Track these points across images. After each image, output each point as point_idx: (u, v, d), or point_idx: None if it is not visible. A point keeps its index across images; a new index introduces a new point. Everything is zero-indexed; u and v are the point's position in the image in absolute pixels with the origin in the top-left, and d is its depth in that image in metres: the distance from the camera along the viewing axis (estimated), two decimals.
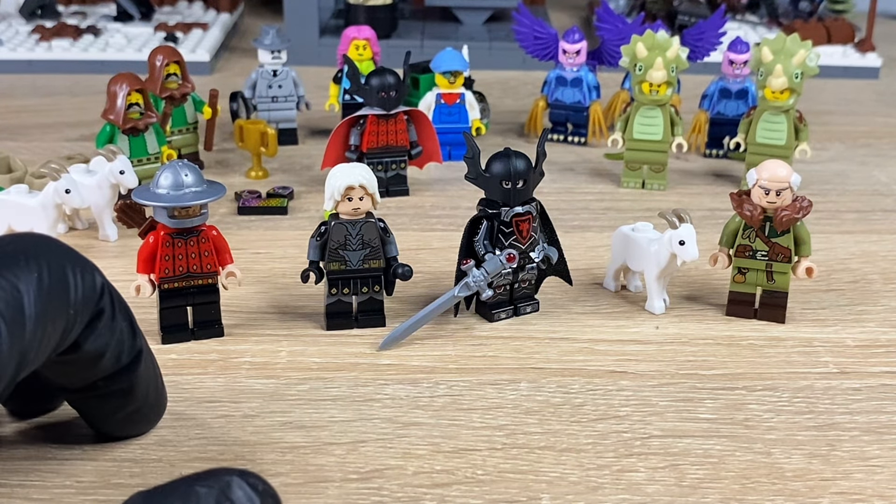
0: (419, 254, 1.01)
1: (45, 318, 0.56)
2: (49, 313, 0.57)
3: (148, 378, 0.67)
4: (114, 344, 0.63)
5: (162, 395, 0.70)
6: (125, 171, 1.00)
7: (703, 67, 1.46)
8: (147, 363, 0.66)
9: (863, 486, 0.66)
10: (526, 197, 0.86)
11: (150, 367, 0.67)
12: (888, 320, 0.89)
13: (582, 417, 0.74)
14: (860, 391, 0.78)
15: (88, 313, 0.60)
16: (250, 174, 1.22)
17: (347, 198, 0.82)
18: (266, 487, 0.51)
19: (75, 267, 0.59)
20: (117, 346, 0.63)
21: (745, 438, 0.71)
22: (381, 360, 0.81)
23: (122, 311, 0.63)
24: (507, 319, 0.88)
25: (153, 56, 1.19)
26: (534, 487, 0.66)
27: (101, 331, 0.61)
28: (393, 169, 1.17)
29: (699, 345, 0.85)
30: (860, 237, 1.08)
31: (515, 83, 1.66)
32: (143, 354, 0.65)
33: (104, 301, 0.61)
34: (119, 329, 0.63)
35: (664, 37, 1.16)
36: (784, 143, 1.15)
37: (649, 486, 0.66)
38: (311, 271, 0.84)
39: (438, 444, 0.70)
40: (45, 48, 1.71)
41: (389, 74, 1.14)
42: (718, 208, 1.14)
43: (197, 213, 0.80)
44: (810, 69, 1.11)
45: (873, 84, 1.75)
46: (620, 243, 0.92)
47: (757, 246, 0.86)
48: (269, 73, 1.31)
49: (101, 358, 0.62)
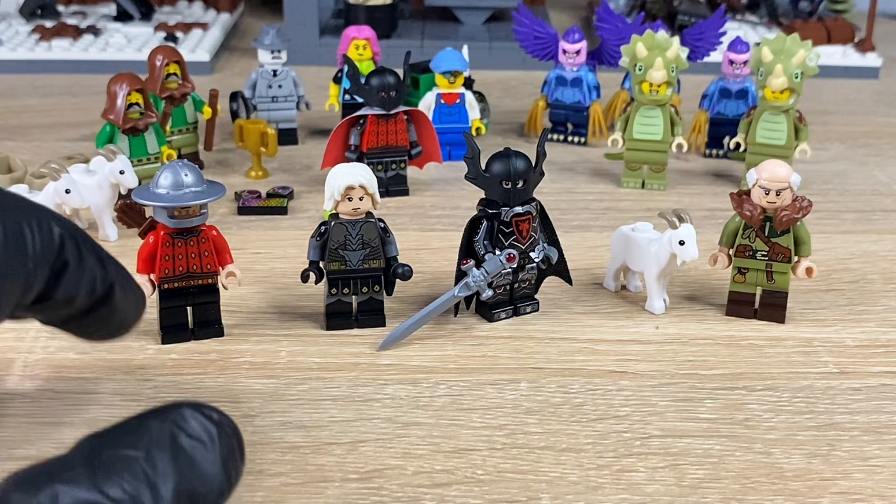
0: (419, 254, 1.01)
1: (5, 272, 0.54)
2: (4, 269, 0.54)
3: (125, 298, 0.65)
4: (85, 284, 0.61)
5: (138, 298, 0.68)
6: (125, 171, 1.00)
7: (703, 67, 1.46)
8: (121, 286, 0.64)
9: (863, 486, 0.66)
10: (526, 197, 0.86)
11: (124, 285, 0.65)
12: (888, 320, 0.89)
13: (582, 417, 0.74)
14: (860, 391, 0.78)
15: (49, 265, 0.58)
16: (250, 174, 1.22)
17: (347, 198, 0.82)
18: (222, 417, 0.51)
19: (31, 220, 0.57)
20: (89, 284, 0.61)
21: (745, 438, 0.71)
22: (381, 360, 0.81)
23: (89, 250, 0.61)
24: (507, 319, 0.88)
25: (153, 56, 1.19)
26: (534, 487, 0.66)
27: (69, 278, 0.59)
28: (393, 169, 1.17)
29: (699, 345, 0.85)
30: (860, 237, 1.08)
31: (515, 83, 1.66)
32: (114, 284, 0.63)
33: (67, 251, 0.59)
34: (88, 270, 0.61)
35: (664, 37, 1.16)
36: (784, 143, 1.15)
37: (649, 486, 0.66)
38: (311, 271, 0.84)
39: (438, 443, 0.70)
40: (45, 48, 1.71)
41: (389, 74, 1.14)
42: (718, 208, 1.14)
43: (197, 213, 0.80)
44: (810, 69, 1.11)
45: (873, 84, 1.75)
46: (620, 243, 0.92)
47: (757, 246, 0.86)
48: (269, 73, 1.31)
49: (73, 300, 0.61)
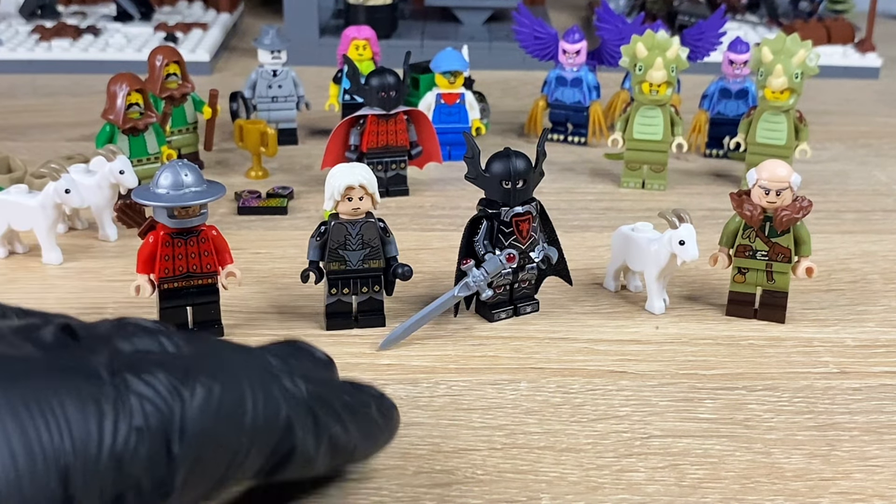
0: (419, 254, 1.01)
1: (206, 439, 0.49)
2: (212, 435, 0.49)
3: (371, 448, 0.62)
4: (321, 457, 0.56)
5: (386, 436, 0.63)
6: (125, 171, 1.00)
7: (703, 67, 1.46)
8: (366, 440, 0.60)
9: (863, 486, 0.66)
10: (526, 197, 0.86)
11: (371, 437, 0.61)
12: (888, 320, 0.89)
13: (582, 417, 0.74)
14: (860, 391, 0.78)
15: (268, 447, 0.53)
16: (250, 174, 1.22)
17: (347, 198, 0.82)
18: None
19: (256, 390, 0.52)
20: (328, 454, 0.57)
21: (745, 438, 0.71)
22: (381, 360, 0.81)
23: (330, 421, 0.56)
24: (507, 319, 0.88)
25: (153, 56, 1.19)
26: (533, 487, 0.66)
27: (297, 463, 0.55)
28: (393, 169, 1.16)
29: (699, 345, 0.85)
30: (860, 237, 1.08)
31: (515, 83, 1.66)
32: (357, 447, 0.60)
33: (295, 436, 0.54)
34: (326, 442, 0.56)
35: (664, 37, 1.16)
36: (784, 142, 1.15)
37: (649, 486, 0.66)
38: (311, 271, 0.84)
39: (438, 443, 0.70)
40: (45, 48, 1.71)
41: (389, 74, 1.14)
42: (718, 208, 1.14)
43: (197, 212, 0.80)
44: (810, 69, 1.11)
45: (873, 84, 1.75)
46: (620, 243, 0.91)
47: (757, 246, 0.86)
48: (269, 73, 1.31)
49: (308, 472, 0.57)
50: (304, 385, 0.55)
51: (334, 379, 0.61)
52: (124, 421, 0.47)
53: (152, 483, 0.47)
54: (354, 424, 0.59)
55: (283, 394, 0.54)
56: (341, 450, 0.58)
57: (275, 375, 0.54)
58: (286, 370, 0.56)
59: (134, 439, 0.46)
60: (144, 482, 0.47)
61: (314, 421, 0.55)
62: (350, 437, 0.58)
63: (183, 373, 0.50)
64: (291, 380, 0.55)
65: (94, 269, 0.97)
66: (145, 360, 0.50)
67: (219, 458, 0.50)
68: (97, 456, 0.45)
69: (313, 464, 0.56)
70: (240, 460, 0.51)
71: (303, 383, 0.55)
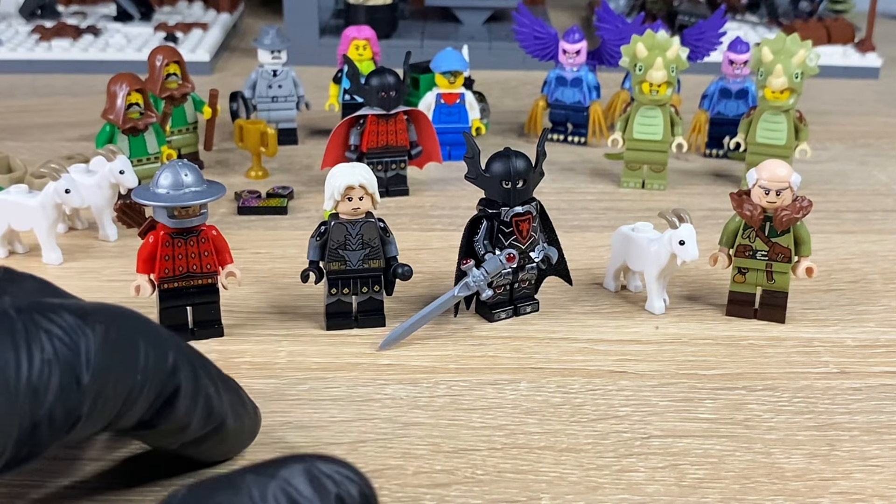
0: (419, 254, 1.01)
1: (108, 372, 0.52)
2: (105, 370, 0.52)
3: (239, 429, 0.63)
4: (198, 414, 0.58)
5: (252, 427, 0.66)
6: (125, 171, 1.00)
7: (703, 67, 1.46)
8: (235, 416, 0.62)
9: (863, 486, 0.66)
10: (526, 197, 0.86)
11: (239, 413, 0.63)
12: (888, 320, 0.89)
13: (582, 417, 0.74)
14: (860, 391, 0.78)
15: (158, 384, 0.55)
16: (250, 174, 1.22)
17: (347, 198, 0.82)
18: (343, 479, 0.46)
19: (149, 337, 0.55)
20: (203, 412, 0.59)
21: (745, 438, 0.71)
22: (381, 360, 0.81)
23: (207, 380, 0.59)
24: (507, 319, 0.88)
25: (153, 56, 1.19)
26: (533, 487, 0.66)
27: (181, 406, 0.57)
28: (393, 169, 1.16)
29: (699, 345, 0.85)
30: (860, 237, 1.08)
31: (515, 83, 1.66)
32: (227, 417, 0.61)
33: (180, 375, 0.56)
34: (202, 401, 0.58)
35: (664, 37, 1.16)
36: (784, 142, 1.15)
37: (649, 486, 0.66)
38: (311, 271, 0.84)
39: (438, 444, 0.70)
40: (45, 48, 1.71)
41: (389, 74, 1.14)
42: (718, 208, 1.14)
43: (196, 212, 0.80)
44: (810, 69, 1.11)
45: (873, 84, 1.75)
46: (620, 243, 0.91)
47: (757, 246, 0.86)
48: (269, 73, 1.31)
49: (185, 429, 0.59)
50: (184, 343, 0.59)
51: None
52: (37, 353, 0.50)
53: (64, 412, 0.50)
54: (226, 394, 0.61)
55: (170, 339, 0.57)
56: (214, 415, 0.60)
57: (155, 325, 0.57)
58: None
59: (47, 370, 0.49)
60: (57, 411, 0.50)
61: (194, 375, 0.58)
62: (222, 404, 0.61)
63: (83, 314, 0.53)
64: (173, 337, 0.58)
65: (94, 269, 0.97)
66: (46, 303, 0.53)
67: (118, 391, 0.53)
68: (16, 386, 0.48)
69: (190, 418, 0.58)
70: (134, 396, 0.54)
71: (183, 343, 0.59)
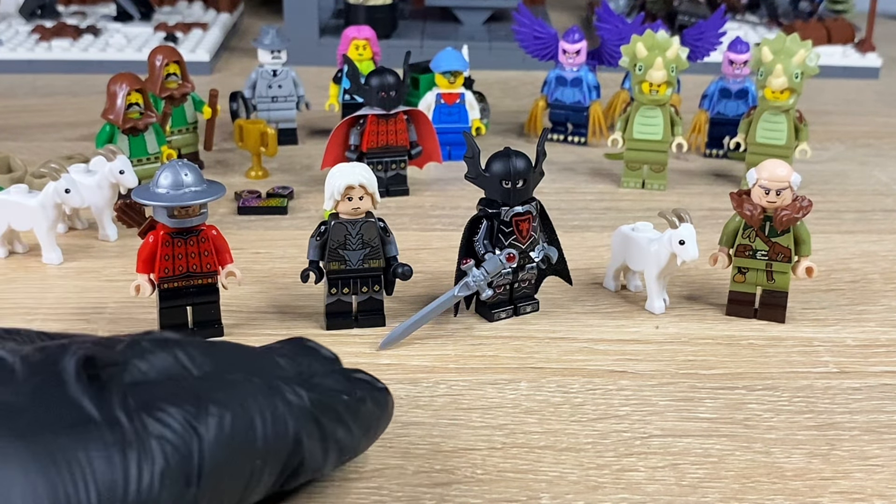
0: (419, 254, 1.01)
1: (222, 469, 0.50)
2: (227, 464, 0.51)
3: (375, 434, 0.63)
4: (330, 460, 0.58)
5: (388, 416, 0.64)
6: (125, 171, 1.00)
7: (703, 67, 1.46)
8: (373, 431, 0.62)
9: (863, 486, 0.66)
10: (526, 196, 0.86)
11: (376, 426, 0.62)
12: (888, 320, 0.89)
13: (582, 417, 0.74)
14: (860, 391, 0.78)
15: (281, 462, 0.54)
16: (250, 174, 1.22)
17: (347, 197, 0.82)
18: None
19: (263, 408, 0.53)
20: (335, 455, 0.58)
21: (745, 438, 0.71)
22: (381, 360, 0.81)
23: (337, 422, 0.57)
24: (507, 319, 0.88)
25: (153, 56, 1.19)
26: (533, 487, 0.66)
27: (307, 469, 0.57)
28: (393, 169, 1.16)
29: (699, 344, 0.85)
30: (860, 237, 1.08)
31: (515, 83, 1.66)
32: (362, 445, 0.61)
33: (304, 448, 0.55)
34: (333, 448, 0.58)
35: (664, 37, 1.16)
36: (784, 142, 1.15)
37: (649, 486, 0.66)
38: (311, 271, 0.84)
39: (438, 443, 0.70)
40: (45, 48, 1.71)
41: (389, 74, 1.14)
42: (718, 208, 1.14)
43: (196, 212, 0.80)
44: (810, 69, 1.11)
45: (873, 84, 1.75)
46: (620, 243, 0.91)
47: (757, 245, 0.86)
48: (269, 73, 1.31)
49: (317, 473, 0.59)
50: (306, 394, 0.56)
51: (332, 375, 0.61)
52: (147, 466, 0.48)
53: None
54: (356, 423, 0.60)
55: (287, 409, 0.54)
56: (346, 450, 0.60)
57: (278, 389, 0.55)
58: (291, 378, 0.57)
59: (157, 484, 0.48)
60: None
61: (319, 429, 0.56)
62: (353, 437, 0.59)
63: (194, 405, 0.51)
64: (293, 390, 0.56)
65: (94, 269, 0.97)
66: (157, 394, 0.51)
67: (235, 483, 0.51)
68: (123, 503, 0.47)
69: (322, 469, 0.58)
70: (255, 481, 0.52)
71: (305, 392, 0.56)
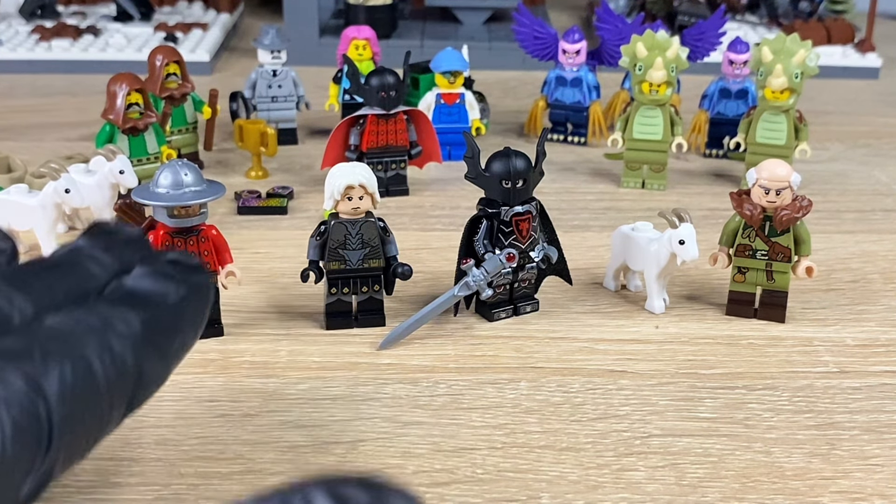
0: (419, 253, 1.01)
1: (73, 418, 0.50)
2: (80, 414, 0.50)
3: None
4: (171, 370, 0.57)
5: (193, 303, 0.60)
6: (125, 171, 1.00)
7: (703, 67, 1.46)
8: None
9: (863, 485, 0.66)
10: (526, 196, 0.86)
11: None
12: (888, 320, 0.89)
13: (582, 416, 0.74)
14: (860, 391, 0.78)
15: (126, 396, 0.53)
16: (250, 174, 1.22)
17: (347, 197, 0.82)
18: None
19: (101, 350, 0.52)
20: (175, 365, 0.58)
21: (745, 437, 0.71)
22: (381, 360, 0.81)
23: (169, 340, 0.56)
24: (507, 319, 0.88)
25: (153, 56, 1.19)
26: (533, 486, 0.66)
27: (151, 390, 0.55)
28: (393, 169, 1.16)
29: (699, 344, 0.85)
30: (860, 237, 1.08)
31: (515, 83, 1.66)
32: None
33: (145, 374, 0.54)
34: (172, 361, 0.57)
35: (664, 37, 1.16)
36: (784, 142, 1.15)
37: (649, 485, 0.66)
38: (311, 271, 0.84)
39: (438, 443, 0.70)
40: (45, 48, 1.71)
41: (389, 74, 1.14)
42: (718, 208, 1.14)
43: (196, 212, 0.80)
44: (810, 69, 1.11)
45: (873, 84, 1.75)
46: (620, 243, 0.91)
47: (757, 245, 0.86)
48: (269, 73, 1.31)
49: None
50: (135, 318, 0.54)
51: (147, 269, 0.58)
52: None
53: (34, 475, 0.49)
54: (188, 325, 0.58)
55: (122, 343, 0.53)
56: (183, 351, 0.58)
57: (108, 322, 0.53)
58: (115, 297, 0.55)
59: (10, 447, 0.47)
60: (26, 477, 0.48)
61: (157, 350, 0.55)
62: (186, 338, 0.58)
63: (31, 361, 0.49)
64: (123, 318, 0.54)
65: None
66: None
67: (86, 431, 0.51)
68: None
69: (167, 377, 0.56)
70: (105, 422, 0.52)
71: (133, 315, 0.54)
